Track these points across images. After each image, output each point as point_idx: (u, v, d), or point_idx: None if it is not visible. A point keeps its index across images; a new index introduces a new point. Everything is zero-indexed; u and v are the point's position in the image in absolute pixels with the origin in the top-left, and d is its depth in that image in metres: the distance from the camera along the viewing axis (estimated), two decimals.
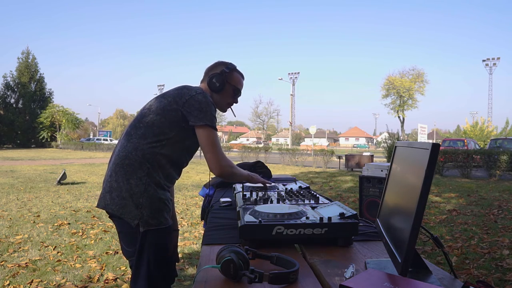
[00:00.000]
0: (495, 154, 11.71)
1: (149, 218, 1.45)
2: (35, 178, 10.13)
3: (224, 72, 1.68)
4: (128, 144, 1.51)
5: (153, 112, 1.53)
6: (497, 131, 37.95)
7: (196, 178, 10.86)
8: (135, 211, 1.44)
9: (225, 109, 1.77)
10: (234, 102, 1.77)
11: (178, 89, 1.59)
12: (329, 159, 16.52)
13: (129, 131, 1.56)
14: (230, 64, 1.73)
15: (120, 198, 1.45)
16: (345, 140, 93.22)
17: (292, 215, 1.24)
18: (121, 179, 1.46)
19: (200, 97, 1.54)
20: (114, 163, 1.51)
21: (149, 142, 1.49)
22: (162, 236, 1.50)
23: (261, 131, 70.15)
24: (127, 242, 1.53)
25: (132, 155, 1.47)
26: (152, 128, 1.51)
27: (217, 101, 1.70)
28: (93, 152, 29.25)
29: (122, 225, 1.50)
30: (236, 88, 1.73)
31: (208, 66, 1.75)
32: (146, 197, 1.45)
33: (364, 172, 4.05)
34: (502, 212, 5.96)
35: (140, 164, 1.46)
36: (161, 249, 1.51)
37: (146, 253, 1.45)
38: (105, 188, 1.51)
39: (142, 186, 1.45)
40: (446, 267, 3.14)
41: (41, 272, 3.16)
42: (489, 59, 45.35)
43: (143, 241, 1.45)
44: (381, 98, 46.44)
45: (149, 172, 1.47)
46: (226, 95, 1.71)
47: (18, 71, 42.31)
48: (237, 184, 2.10)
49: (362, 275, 0.81)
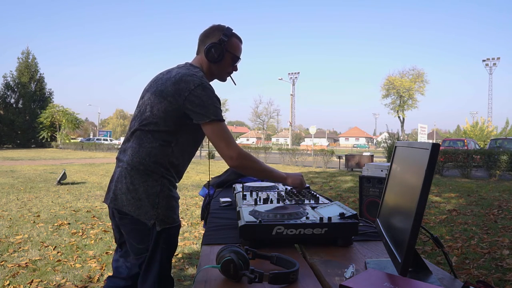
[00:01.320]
0: (495, 154, 11.71)
1: (165, 217, 1.47)
2: (35, 178, 10.13)
3: (223, 40, 1.56)
4: (140, 149, 1.49)
5: (156, 117, 1.48)
6: (497, 131, 37.93)
7: (196, 178, 10.86)
8: (152, 211, 1.46)
9: (225, 78, 1.68)
10: (233, 70, 1.67)
11: (175, 83, 1.47)
12: (329, 159, 16.52)
13: (139, 134, 1.52)
14: (227, 29, 1.60)
15: (136, 199, 1.46)
16: (345, 140, 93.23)
17: (292, 215, 1.24)
18: (137, 181, 1.47)
19: (199, 91, 1.44)
20: (129, 166, 1.50)
21: (161, 145, 1.48)
22: (174, 234, 1.54)
23: (261, 131, 70.13)
24: (139, 239, 1.51)
25: (146, 161, 1.48)
26: (160, 132, 1.48)
27: (216, 71, 1.62)
28: (93, 152, 29.24)
29: (135, 223, 1.48)
30: (236, 56, 1.62)
31: (203, 33, 1.62)
32: (162, 197, 1.47)
33: (364, 172, 4.05)
34: (502, 212, 5.96)
35: (155, 168, 1.48)
36: (173, 247, 1.55)
37: (159, 251, 1.47)
38: (120, 189, 1.49)
39: (158, 187, 1.47)
40: (446, 267, 3.14)
41: (41, 272, 3.16)
42: (489, 59, 45.40)
43: (157, 239, 1.46)
44: (381, 98, 46.49)
45: (164, 174, 1.49)
46: (225, 64, 1.61)
47: (18, 71, 42.28)
48: (237, 184, 2.10)
49: (362, 275, 0.81)
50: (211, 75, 1.65)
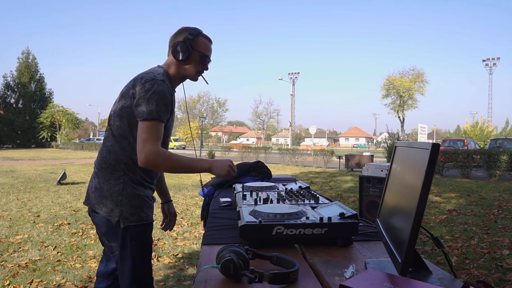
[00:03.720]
0: (495, 154, 11.71)
1: (129, 215, 1.51)
2: (35, 178, 10.13)
3: (188, 39, 1.56)
4: (103, 148, 1.58)
5: (115, 115, 1.53)
6: (497, 131, 37.95)
7: (196, 178, 10.86)
8: (116, 209, 1.50)
9: (196, 78, 1.66)
10: (204, 69, 1.65)
11: (132, 81, 1.51)
12: (329, 159, 16.52)
13: (104, 135, 1.62)
14: (194, 29, 1.60)
15: (102, 197, 1.52)
16: (345, 140, 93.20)
17: (292, 215, 1.24)
18: (102, 180, 1.54)
19: (147, 85, 1.44)
20: (96, 166, 1.59)
21: (119, 144, 1.53)
22: (144, 232, 1.56)
23: (261, 131, 70.15)
24: (109, 236, 1.57)
25: (107, 159, 1.54)
26: (118, 130, 1.52)
27: (185, 71, 1.61)
28: (93, 152, 29.24)
29: (103, 220, 1.54)
30: (204, 54, 1.61)
31: (172, 34, 1.63)
32: (125, 195, 1.51)
33: (364, 172, 4.04)
34: (502, 212, 5.96)
35: (115, 165, 1.53)
36: (145, 245, 1.57)
37: (129, 248, 1.51)
38: (91, 188, 1.59)
39: (121, 185, 1.51)
40: (446, 267, 3.15)
41: (41, 272, 3.16)
42: (489, 59, 45.36)
43: (124, 236, 1.51)
44: (381, 98, 46.44)
45: (125, 172, 1.52)
46: (194, 63, 1.60)
47: (18, 71, 42.31)
48: (237, 184, 2.10)
49: (362, 275, 0.80)
50: (182, 76, 1.64)
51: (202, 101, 62.64)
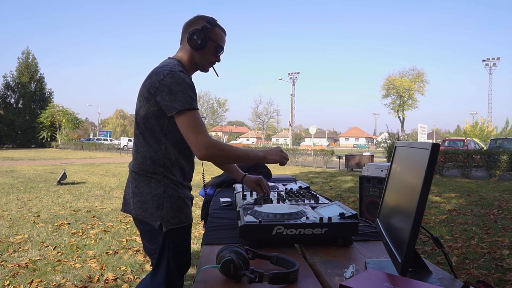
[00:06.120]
0: (495, 154, 11.71)
1: (171, 218, 1.48)
2: (35, 178, 10.13)
3: (206, 27, 1.53)
4: (137, 155, 1.53)
5: (141, 117, 1.50)
6: (497, 131, 37.95)
7: (196, 178, 10.84)
8: (157, 213, 1.47)
9: (207, 68, 1.63)
10: (216, 61, 1.63)
11: (148, 79, 1.48)
12: (329, 159, 16.52)
13: (135, 140, 1.57)
14: (211, 18, 1.57)
15: (142, 202, 1.49)
16: (345, 140, 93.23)
17: (292, 215, 1.24)
18: (141, 184, 1.50)
19: (168, 79, 1.40)
20: (132, 173, 1.55)
21: (153, 148, 1.49)
22: (183, 234, 1.55)
23: (261, 131, 70.12)
24: (149, 240, 1.55)
25: (143, 166, 1.50)
26: (148, 132, 1.49)
27: (198, 60, 1.58)
28: (93, 152, 29.24)
29: (144, 224, 1.53)
30: (219, 45, 1.59)
31: (187, 21, 1.59)
32: (166, 197, 1.48)
33: (364, 172, 4.05)
34: (502, 212, 5.96)
35: (154, 169, 1.49)
36: (182, 247, 1.56)
37: (166, 251, 1.49)
38: (128, 193, 1.56)
39: (161, 188, 1.48)
40: (446, 267, 3.14)
41: (41, 272, 3.16)
42: (489, 59, 45.38)
43: (165, 239, 1.48)
44: (381, 98, 46.42)
45: (164, 174, 1.49)
46: (208, 53, 1.57)
47: (18, 71, 42.28)
48: (237, 184, 2.10)
49: (362, 275, 0.80)
50: (194, 65, 1.61)
51: (202, 101, 62.60)
